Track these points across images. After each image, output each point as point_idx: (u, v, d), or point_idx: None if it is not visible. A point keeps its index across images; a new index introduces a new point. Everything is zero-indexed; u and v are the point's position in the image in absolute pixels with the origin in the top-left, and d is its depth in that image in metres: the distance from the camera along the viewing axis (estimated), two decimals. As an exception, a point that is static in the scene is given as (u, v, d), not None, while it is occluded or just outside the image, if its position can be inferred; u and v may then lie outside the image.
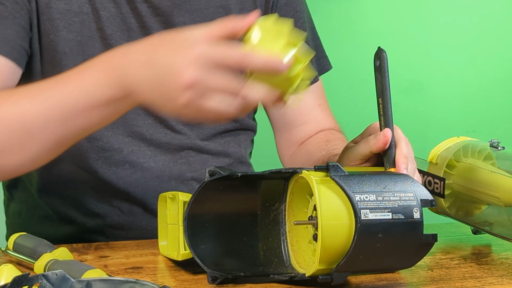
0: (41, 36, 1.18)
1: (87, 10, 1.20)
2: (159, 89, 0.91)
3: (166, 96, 0.90)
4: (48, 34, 1.18)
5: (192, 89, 0.88)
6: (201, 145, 1.28)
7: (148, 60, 0.92)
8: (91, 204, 1.25)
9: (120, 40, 1.20)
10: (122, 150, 1.23)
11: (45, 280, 0.79)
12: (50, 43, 1.19)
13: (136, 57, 0.93)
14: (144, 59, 0.92)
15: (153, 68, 0.91)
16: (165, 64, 0.90)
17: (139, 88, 0.93)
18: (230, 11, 1.27)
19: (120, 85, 0.94)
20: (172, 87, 0.89)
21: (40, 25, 1.18)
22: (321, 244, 0.91)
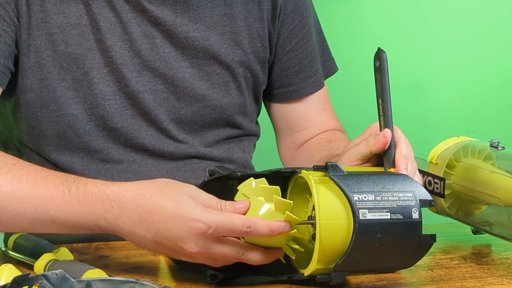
0: (33, 52, 1.16)
1: (85, 22, 1.18)
2: (157, 245, 0.94)
3: (166, 250, 0.94)
4: (44, 49, 1.16)
5: (195, 256, 0.93)
6: (205, 153, 1.28)
7: (142, 217, 0.93)
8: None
9: (121, 50, 1.19)
10: (122, 161, 1.23)
11: (45, 280, 0.79)
12: (47, 58, 1.17)
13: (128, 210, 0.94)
14: (138, 215, 0.94)
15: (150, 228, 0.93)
16: (166, 232, 0.92)
17: (129, 236, 0.95)
18: (235, 19, 1.26)
19: (106, 227, 0.96)
20: (175, 248, 0.93)
21: (31, 41, 1.16)
22: (319, 244, 0.91)
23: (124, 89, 1.20)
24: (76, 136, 1.20)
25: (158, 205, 0.93)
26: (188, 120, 1.25)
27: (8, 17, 1.14)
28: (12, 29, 1.14)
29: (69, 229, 0.98)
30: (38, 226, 0.99)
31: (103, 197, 0.95)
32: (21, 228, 1.00)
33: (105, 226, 0.95)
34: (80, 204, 0.96)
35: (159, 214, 0.92)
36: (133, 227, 0.93)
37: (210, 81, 1.25)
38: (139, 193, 0.94)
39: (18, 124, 1.22)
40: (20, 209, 0.98)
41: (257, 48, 1.29)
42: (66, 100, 1.18)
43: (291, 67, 1.34)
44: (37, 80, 1.17)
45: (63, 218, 0.97)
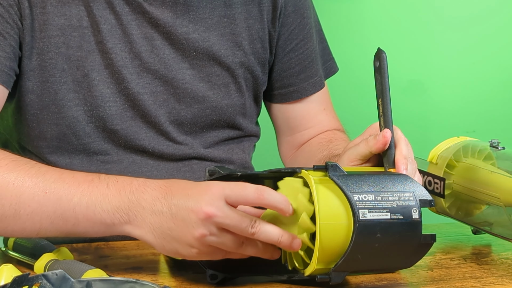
0: (35, 54, 1.16)
1: (86, 24, 1.18)
2: (173, 221, 0.93)
3: (179, 228, 0.92)
4: (46, 51, 1.16)
5: (210, 221, 0.91)
6: (205, 154, 1.28)
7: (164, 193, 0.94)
8: None
9: (121, 52, 1.19)
10: (122, 161, 1.23)
11: (45, 280, 0.79)
12: (49, 60, 1.17)
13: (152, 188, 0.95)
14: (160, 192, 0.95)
15: (168, 201, 0.93)
16: (182, 199, 0.93)
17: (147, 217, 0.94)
18: (235, 20, 1.26)
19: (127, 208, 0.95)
20: (188, 219, 0.91)
21: (34, 43, 1.16)
22: (319, 244, 0.91)
23: (124, 91, 1.20)
24: (76, 138, 1.20)
25: (180, 180, 0.96)
26: (188, 121, 1.25)
27: (12, 20, 1.14)
28: (16, 31, 1.14)
29: (87, 221, 0.96)
30: (57, 220, 0.97)
31: (133, 180, 0.97)
32: (37, 226, 0.98)
33: (126, 210, 0.95)
34: (108, 187, 0.96)
35: (178, 186, 0.94)
36: (153, 205, 0.94)
37: (210, 83, 1.25)
38: (166, 179, 0.97)
39: (18, 126, 1.22)
40: (42, 201, 0.97)
41: (257, 49, 1.29)
42: (67, 103, 1.18)
43: (292, 67, 1.34)
44: (38, 82, 1.17)
45: (85, 203, 0.96)
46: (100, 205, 0.96)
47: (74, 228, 0.98)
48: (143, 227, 0.94)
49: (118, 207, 0.95)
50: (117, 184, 0.97)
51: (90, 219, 0.96)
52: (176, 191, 0.94)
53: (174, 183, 0.95)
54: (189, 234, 0.91)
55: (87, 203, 0.96)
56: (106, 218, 0.96)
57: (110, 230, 0.97)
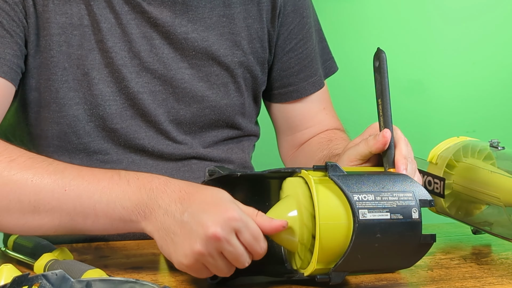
0: (39, 52, 1.17)
1: (87, 22, 1.18)
2: (180, 227, 0.92)
3: (182, 236, 0.92)
4: (49, 49, 1.17)
5: (214, 242, 0.90)
6: (204, 153, 1.28)
7: (182, 198, 0.94)
8: None
9: (121, 51, 1.19)
10: (122, 161, 1.23)
11: (45, 280, 0.79)
12: (51, 59, 1.17)
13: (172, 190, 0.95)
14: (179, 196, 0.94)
15: (184, 207, 0.93)
16: (198, 210, 0.92)
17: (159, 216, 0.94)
18: (234, 20, 1.26)
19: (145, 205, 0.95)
20: (194, 232, 0.91)
21: (38, 41, 1.16)
22: (319, 244, 0.91)
23: (124, 90, 1.20)
24: (77, 137, 1.20)
25: (201, 191, 0.95)
26: (187, 121, 1.25)
27: (17, 18, 1.14)
28: (21, 29, 1.15)
29: (106, 218, 0.96)
30: (76, 217, 0.97)
31: (154, 178, 0.97)
32: (56, 223, 0.98)
33: (143, 207, 0.94)
34: (129, 184, 0.96)
35: (198, 197, 0.94)
36: (168, 205, 0.93)
37: (209, 82, 1.25)
38: (187, 182, 0.97)
39: (20, 125, 1.22)
40: (62, 198, 0.97)
41: (256, 48, 1.29)
42: (68, 101, 1.18)
43: (291, 67, 1.34)
44: (41, 80, 1.18)
45: (106, 200, 0.96)
46: (120, 202, 0.96)
47: (93, 225, 0.98)
48: (154, 223, 0.94)
49: (137, 204, 0.95)
50: (137, 181, 0.97)
51: (109, 216, 0.96)
52: (195, 200, 0.93)
53: (196, 191, 0.95)
54: (189, 246, 0.91)
55: (107, 200, 0.96)
56: (125, 215, 0.95)
57: (128, 227, 0.97)
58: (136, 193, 0.95)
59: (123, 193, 0.96)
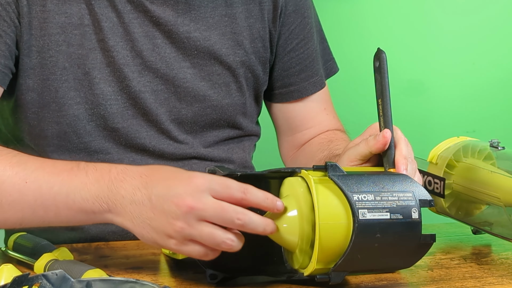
0: (36, 52, 1.16)
1: (87, 22, 1.18)
2: (153, 211, 0.91)
3: (159, 219, 0.91)
4: (47, 49, 1.16)
5: (190, 213, 0.89)
6: (205, 153, 1.28)
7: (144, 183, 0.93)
8: None
9: (123, 50, 1.19)
10: (122, 160, 1.23)
11: (45, 280, 0.79)
12: (49, 58, 1.17)
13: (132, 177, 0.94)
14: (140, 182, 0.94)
15: (149, 191, 0.92)
16: (163, 189, 0.91)
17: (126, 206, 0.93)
18: (236, 20, 1.26)
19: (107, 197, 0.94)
20: (168, 210, 0.90)
21: (33, 41, 1.16)
22: (319, 244, 0.91)
23: (125, 90, 1.20)
24: (77, 136, 1.20)
25: (159, 170, 0.95)
26: (189, 120, 1.25)
27: (9, 18, 1.14)
28: (13, 29, 1.14)
29: (68, 210, 0.96)
30: (38, 209, 0.97)
31: (111, 167, 0.96)
32: (19, 215, 0.98)
33: (105, 199, 0.94)
34: (87, 176, 0.96)
35: (159, 176, 0.93)
36: (133, 194, 0.93)
37: (211, 82, 1.25)
38: (145, 165, 0.97)
39: (19, 125, 1.22)
40: (23, 190, 0.97)
41: (258, 48, 1.29)
42: (68, 101, 1.18)
43: (292, 67, 1.34)
44: (39, 80, 1.17)
45: (65, 192, 0.96)
46: (79, 193, 0.95)
47: (56, 217, 0.98)
48: (123, 215, 0.94)
49: (97, 196, 0.95)
50: (95, 172, 0.96)
51: (70, 208, 0.96)
52: (157, 181, 0.93)
53: (155, 171, 0.94)
54: (169, 225, 0.90)
55: (67, 192, 0.96)
56: (86, 207, 0.95)
57: (91, 218, 0.96)
58: (95, 185, 0.95)
59: (82, 184, 0.96)
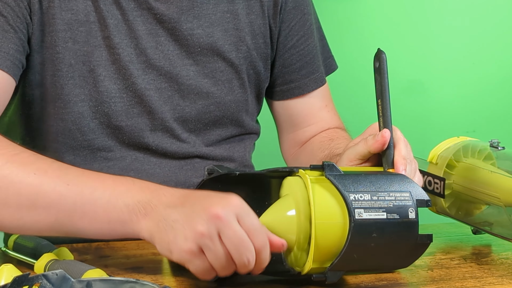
0: (44, 48, 1.17)
1: (93, 19, 1.18)
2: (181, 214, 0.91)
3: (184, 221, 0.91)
4: (54, 46, 1.17)
5: (215, 221, 0.89)
6: (207, 152, 1.28)
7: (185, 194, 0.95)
8: None
9: (128, 48, 1.20)
10: (125, 158, 1.23)
11: (45, 280, 0.80)
12: (56, 55, 1.17)
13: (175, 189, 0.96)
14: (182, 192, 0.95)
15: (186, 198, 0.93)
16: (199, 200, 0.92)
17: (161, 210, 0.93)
18: (237, 16, 1.27)
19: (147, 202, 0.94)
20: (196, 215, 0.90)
21: (43, 37, 1.17)
22: (315, 243, 0.91)
23: (130, 87, 1.21)
24: (81, 134, 1.20)
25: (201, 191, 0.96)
26: (193, 118, 1.26)
27: (22, 14, 1.15)
28: (25, 26, 1.15)
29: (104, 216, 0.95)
30: (74, 214, 0.95)
31: (157, 184, 0.97)
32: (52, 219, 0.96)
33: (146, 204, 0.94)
34: (134, 183, 0.96)
35: (199, 193, 0.95)
36: (170, 200, 0.93)
37: (214, 78, 1.26)
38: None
39: (23, 122, 1.22)
40: (64, 191, 0.95)
41: (259, 44, 1.29)
42: (73, 98, 1.19)
43: (293, 63, 1.34)
44: (47, 76, 1.18)
45: (108, 196, 0.95)
46: (122, 199, 0.94)
47: (90, 224, 0.96)
48: (154, 218, 0.93)
49: (139, 201, 0.94)
50: (142, 182, 0.97)
51: (109, 214, 0.95)
52: (196, 194, 0.94)
53: (197, 192, 0.95)
54: (190, 228, 0.90)
55: (109, 197, 0.95)
56: (125, 213, 0.94)
57: (124, 229, 0.95)
58: (139, 192, 0.95)
59: (127, 191, 0.95)
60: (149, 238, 0.94)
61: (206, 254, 0.90)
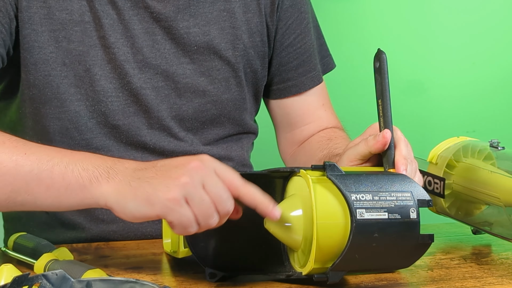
0: (36, 48, 1.17)
1: (88, 19, 1.18)
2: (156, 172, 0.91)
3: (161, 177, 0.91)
4: (47, 45, 1.17)
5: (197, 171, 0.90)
6: (204, 151, 1.28)
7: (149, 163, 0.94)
8: (96, 210, 1.23)
9: (123, 47, 1.20)
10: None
11: (45, 280, 0.79)
12: (50, 54, 1.17)
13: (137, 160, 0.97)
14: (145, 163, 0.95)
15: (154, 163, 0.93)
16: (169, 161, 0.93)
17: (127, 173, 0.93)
18: (234, 14, 1.27)
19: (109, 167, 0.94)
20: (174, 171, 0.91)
21: (35, 36, 1.16)
22: (316, 243, 0.91)
23: (127, 86, 1.21)
24: (79, 133, 1.21)
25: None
26: (189, 117, 1.26)
27: (5, 9, 1.14)
28: (7, 21, 1.15)
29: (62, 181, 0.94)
30: (31, 181, 0.95)
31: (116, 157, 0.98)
32: (8, 189, 0.95)
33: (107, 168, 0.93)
34: (95, 154, 0.96)
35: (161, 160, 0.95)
36: (136, 166, 0.93)
37: (210, 77, 1.26)
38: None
39: (22, 121, 1.23)
40: (20, 160, 0.95)
41: (256, 42, 1.29)
42: (69, 97, 1.19)
43: (290, 62, 1.34)
44: (40, 76, 1.18)
45: (65, 163, 0.94)
46: (81, 164, 0.94)
47: (46, 193, 0.95)
48: (122, 181, 0.92)
49: (99, 165, 0.94)
50: (100, 155, 0.98)
51: (66, 178, 0.94)
52: (166, 160, 0.94)
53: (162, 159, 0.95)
54: (172, 178, 0.90)
55: (68, 162, 0.94)
56: (84, 177, 0.93)
57: (82, 195, 0.93)
58: (99, 159, 0.95)
59: (85, 157, 0.95)
60: (112, 202, 0.92)
61: (191, 203, 0.90)
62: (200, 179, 0.90)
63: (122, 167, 0.94)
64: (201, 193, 0.90)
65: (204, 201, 0.90)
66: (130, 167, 0.94)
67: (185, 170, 0.90)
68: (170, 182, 0.90)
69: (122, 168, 0.94)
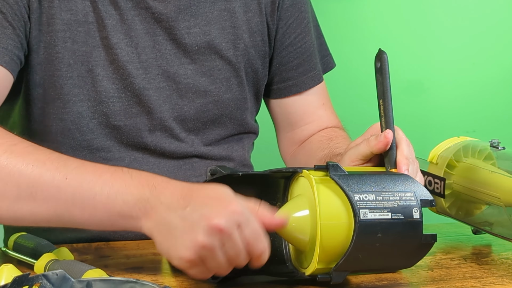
0: (44, 48, 1.17)
1: (92, 19, 1.19)
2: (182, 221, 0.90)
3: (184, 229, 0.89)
4: (54, 45, 1.17)
5: (217, 234, 0.88)
6: (205, 151, 1.28)
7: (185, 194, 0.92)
8: None
9: (126, 47, 1.20)
10: (124, 158, 1.23)
11: (45, 280, 0.79)
12: (56, 55, 1.17)
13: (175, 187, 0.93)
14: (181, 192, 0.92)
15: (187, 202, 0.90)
16: (199, 204, 0.90)
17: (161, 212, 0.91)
18: (235, 14, 1.27)
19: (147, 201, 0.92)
20: (197, 224, 0.88)
21: (41, 37, 1.17)
22: (320, 244, 0.91)
23: (129, 87, 1.21)
24: (80, 134, 1.21)
25: (203, 187, 0.92)
26: (191, 117, 1.26)
27: (20, 13, 1.15)
28: (22, 24, 1.15)
29: (105, 212, 0.93)
30: (73, 208, 0.94)
31: (156, 175, 0.95)
32: (51, 212, 0.95)
33: (145, 203, 0.92)
34: (132, 177, 0.94)
35: (200, 192, 0.92)
36: (170, 201, 0.91)
37: (211, 77, 1.26)
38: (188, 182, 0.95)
39: (24, 121, 1.23)
40: (62, 185, 0.94)
41: (257, 42, 1.30)
42: (72, 97, 1.19)
43: (290, 61, 1.34)
44: (46, 76, 1.18)
45: (106, 193, 0.93)
46: (121, 196, 0.93)
47: (90, 218, 0.95)
48: (154, 219, 0.91)
49: (138, 199, 0.92)
50: (140, 177, 0.94)
51: (108, 210, 0.93)
52: (197, 196, 0.91)
53: (198, 188, 0.93)
54: (191, 238, 0.88)
55: (108, 193, 0.93)
56: (125, 210, 0.93)
57: (126, 223, 0.94)
58: (138, 188, 0.93)
59: (125, 187, 0.93)
60: (150, 235, 0.93)
61: (206, 264, 0.90)
62: (218, 241, 0.88)
63: (157, 201, 0.92)
64: (218, 255, 0.89)
65: (218, 263, 0.89)
66: (164, 202, 0.91)
67: (206, 229, 0.88)
68: (189, 242, 0.88)
69: (156, 203, 0.92)
